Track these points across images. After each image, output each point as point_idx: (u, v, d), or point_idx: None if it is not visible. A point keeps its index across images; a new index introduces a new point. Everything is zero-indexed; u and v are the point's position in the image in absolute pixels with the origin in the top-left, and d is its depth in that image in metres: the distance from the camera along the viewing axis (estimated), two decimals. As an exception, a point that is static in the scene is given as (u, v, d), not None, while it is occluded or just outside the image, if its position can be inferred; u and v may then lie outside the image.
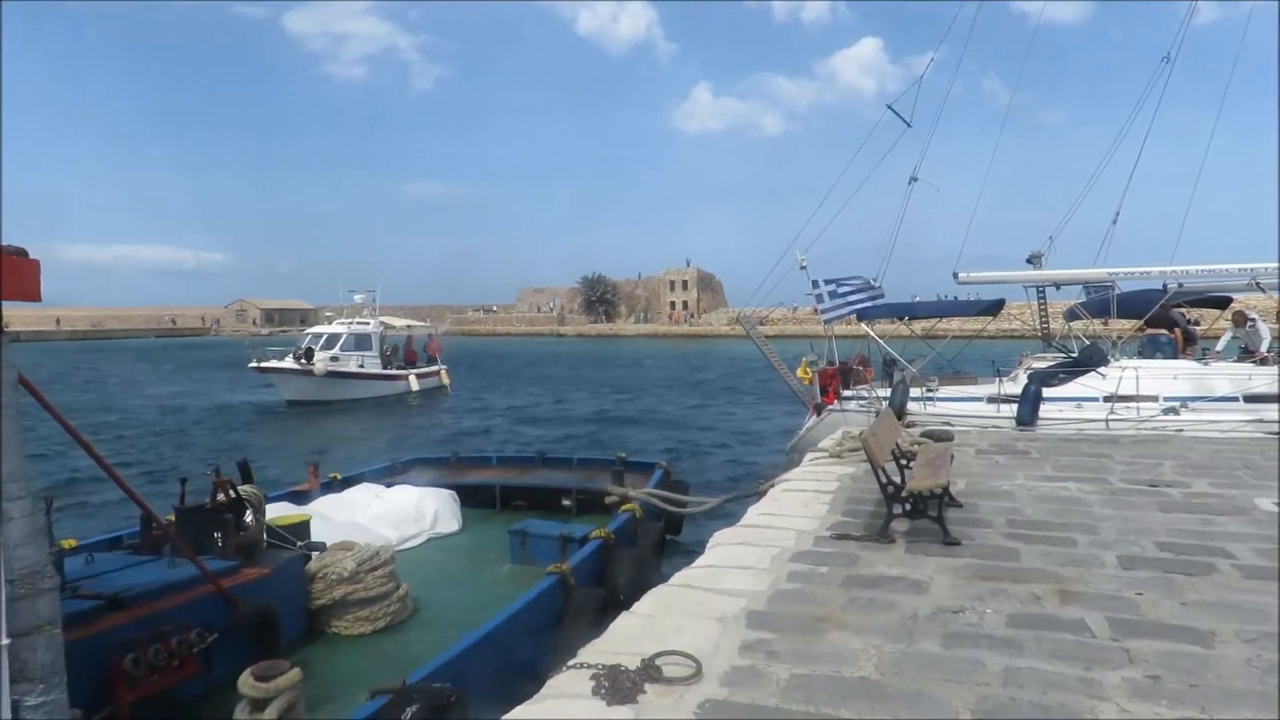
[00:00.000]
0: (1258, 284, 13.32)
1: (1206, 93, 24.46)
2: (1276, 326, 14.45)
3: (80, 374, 46.97)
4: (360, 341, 32.90)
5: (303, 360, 30.47)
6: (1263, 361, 13.37)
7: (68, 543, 6.81)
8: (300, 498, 9.82)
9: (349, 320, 34.21)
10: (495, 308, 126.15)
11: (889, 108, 17.67)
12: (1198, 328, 17.23)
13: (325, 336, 32.45)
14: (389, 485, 10.42)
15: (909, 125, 17.37)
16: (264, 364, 30.67)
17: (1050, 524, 6.44)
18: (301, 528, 7.20)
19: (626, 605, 5.02)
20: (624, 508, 8.96)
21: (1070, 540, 5.96)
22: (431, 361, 36.16)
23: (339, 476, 11.06)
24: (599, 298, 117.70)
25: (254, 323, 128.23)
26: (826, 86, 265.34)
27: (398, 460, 12.66)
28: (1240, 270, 13.29)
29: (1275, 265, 12.98)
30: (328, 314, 38.18)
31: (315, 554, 6.84)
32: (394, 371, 33.86)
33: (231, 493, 6.45)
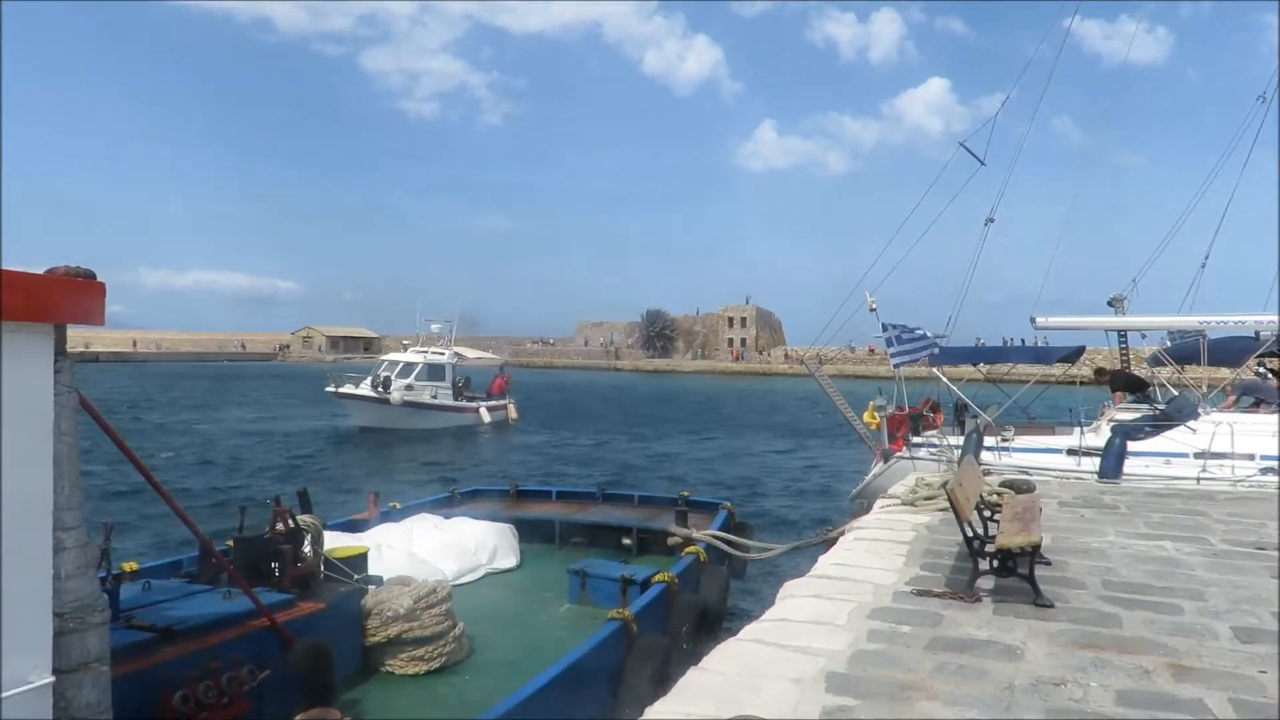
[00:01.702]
0: (1364, 335, 12.53)
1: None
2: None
3: (162, 396, 48.48)
4: (434, 372, 33.27)
5: (380, 389, 30.89)
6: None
7: (128, 566, 6.78)
8: (359, 526, 9.74)
9: (424, 349, 34.68)
10: (552, 340, 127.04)
11: (962, 145, 17.30)
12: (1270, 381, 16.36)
13: (401, 365, 32.90)
14: (448, 516, 10.30)
15: (983, 164, 16.95)
16: (341, 389, 31.26)
17: (1151, 587, 5.95)
18: (359, 560, 7.06)
19: (690, 655, 4.72)
20: (687, 550, 8.65)
21: (1176, 607, 5.48)
22: (500, 394, 36.33)
23: (398, 505, 10.98)
24: (658, 333, 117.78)
25: (319, 349, 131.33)
26: (892, 126, 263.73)
27: (457, 490, 12.55)
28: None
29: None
30: (405, 341, 38.98)
31: (372, 588, 6.69)
32: (465, 403, 34.11)
33: (290, 522, 6.34)
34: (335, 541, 7.67)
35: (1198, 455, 11.86)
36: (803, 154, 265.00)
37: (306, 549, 6.42)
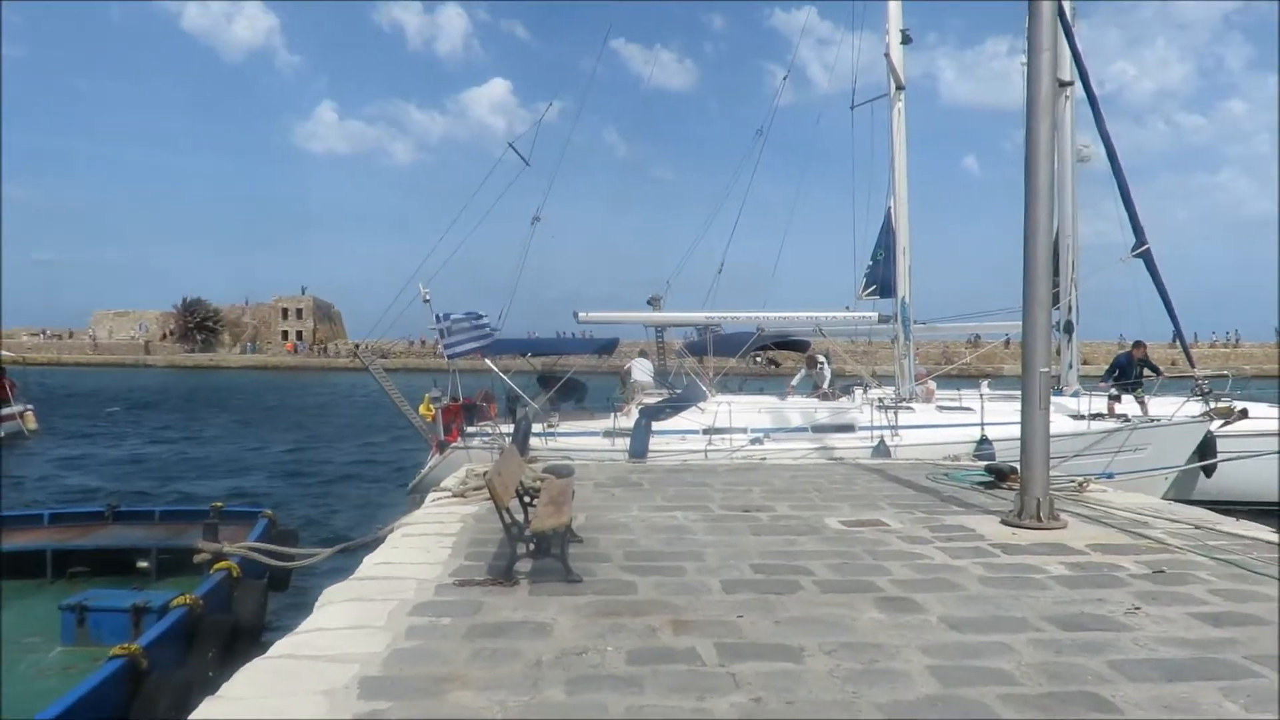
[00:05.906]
0: (820, 330, 15.65)
1: (790, 162, 28.00)
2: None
3: None
4: None
5: None
6: (824, 397, 15.69)
7: None
8: None
9: None
10: (51, 332, 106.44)
11: (510, 146, 18.04)
12: (774, 367, 19.89)
13: None
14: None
15: (527, 164, 17.84)
16: None
17: (663, 554, 6.76)
18: None
19: (217, 687, 4.26)
20: (217, 566, 7.84)
21: (680, 569, 6.27)
22: (10, 399, 29.15)
23: None
24: (198, 324, 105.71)
25: None
26: (458, 121, 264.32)
27: None
28: (808, 318, 15.50)
29: (833, 315, 15.35)
30: None
31: None
32: None
33: None
34: None
35: (705, 431, 13.84)
36: (368, 140, 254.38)
37: None
